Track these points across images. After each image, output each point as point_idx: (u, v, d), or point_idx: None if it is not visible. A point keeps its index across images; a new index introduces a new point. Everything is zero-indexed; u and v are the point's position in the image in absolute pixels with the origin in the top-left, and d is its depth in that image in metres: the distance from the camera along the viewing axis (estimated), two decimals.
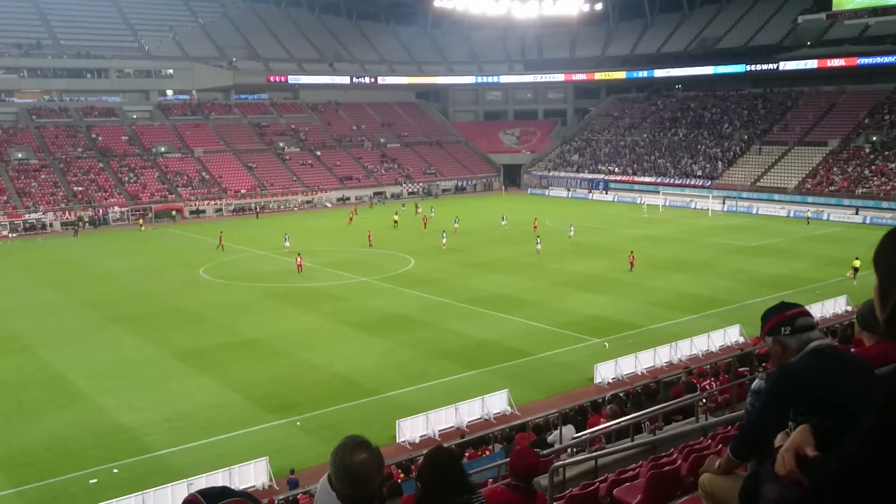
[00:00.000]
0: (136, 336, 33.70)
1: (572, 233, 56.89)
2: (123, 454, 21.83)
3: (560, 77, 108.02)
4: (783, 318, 3.27)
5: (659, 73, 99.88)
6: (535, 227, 59.45)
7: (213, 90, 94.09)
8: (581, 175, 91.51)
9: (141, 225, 68.15)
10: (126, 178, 76.84)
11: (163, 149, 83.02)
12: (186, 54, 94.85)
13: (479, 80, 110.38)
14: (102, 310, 38.38)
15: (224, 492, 2.18)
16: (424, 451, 18.31)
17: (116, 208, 72.31)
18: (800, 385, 2.93)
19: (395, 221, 64.43)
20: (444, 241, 53.84)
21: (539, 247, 51.05)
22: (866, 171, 71.41)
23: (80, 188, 73.48)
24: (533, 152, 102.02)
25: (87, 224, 69.07)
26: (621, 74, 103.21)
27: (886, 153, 72.53)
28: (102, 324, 35.92)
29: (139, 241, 60.90)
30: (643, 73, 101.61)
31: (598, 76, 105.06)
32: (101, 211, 71.28)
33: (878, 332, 3.94)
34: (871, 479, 1.51)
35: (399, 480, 15.51)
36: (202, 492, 2.18)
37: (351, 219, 67.98)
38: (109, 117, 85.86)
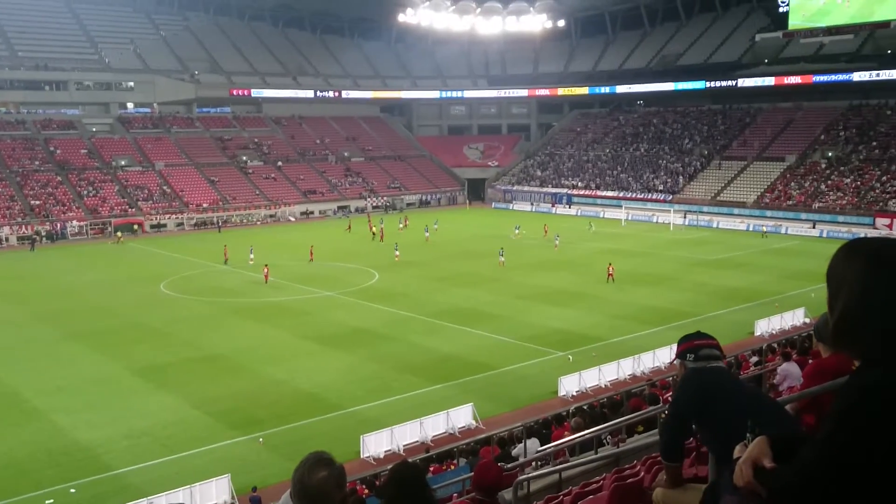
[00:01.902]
0: (94, 352, 33.08)
1: (558, 242, 58.61)
2: (81, 473, 21.36)
3: (524, 92, 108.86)
4: (691, 346, 3.87)
5: (621, 88, 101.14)
6: (546, 233, 62.15)
7: (175, 103, 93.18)
8: (545, 189, 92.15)
9: (119, 237, 67.06)
10: (85, 192, 75.62)
11: (123, 162, 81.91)
12: (148, 67, 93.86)
13: (444, 94, 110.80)
14: (60, 325, 37.62)
15: None
16: (389, 467, 18.20)
17: (75, 222, 71.08)
18: (704, 382, 3.62)
19: (374, 234, 64.30)
20: (398, 253, 53.87)
21: (502, 259, 51.27)
22: (822, 186, 72.91)
23: (38, 202, 72.15)
24: (497, 166, 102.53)
25: (44, 238, 67.80)
26: (584, 90, 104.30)
27: (841, 168, 74.15)
28: (60, 340, 35.19)
29: (98, 255, 59.91)
30: (605, 89, 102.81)
31: (562, 91, 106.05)
32: (59, 225, 70.02)
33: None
34: (828, 488, 1.52)
35: (364, 496, 15.39)
36: None
37: (370, 227, 66.96)
38: (68, 130, 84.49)
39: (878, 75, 78.41)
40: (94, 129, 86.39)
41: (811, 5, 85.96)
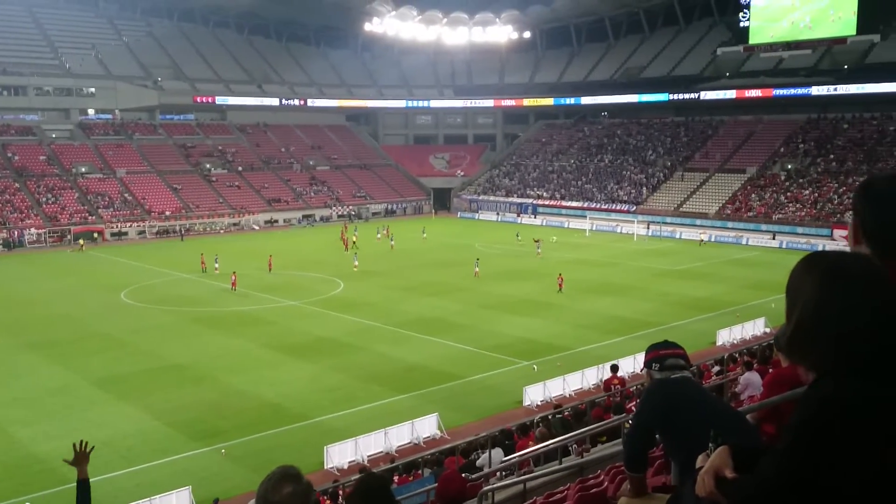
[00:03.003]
0: (52, 362, 32.42)
1: (540, 250, 59.47)
2: (37, 486, 20.90)
3: (489, 102, 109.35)
4: (657, 356, 3.95)
5: (586, 100, 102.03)
6: (536, 242, 62.14)
7: (138, 110, 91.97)
8: (510, 199, 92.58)
9: (81, 245, 65.89)
10: (44, 199, 74.30)
11: (83, 169, 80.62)
12: (109, 73, 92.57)
13: (410, 104, 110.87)
14: (16, 335, 36.84)
15: None
16: (353, 478, 18.04)
17: (33, 230, 69.77)
18: (668, 393, 3.68)
19: (354, 242, 63.93)
20: (356, 263, 53.42)
21: (477, 269, 51.13)
22: (782, 198, 74.20)
23: None
24: (463, 176, 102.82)
25: (0, 247, 66.43)
26: (549, 101, 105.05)
27: (801, 181, 75.55)
28: (16, 350, 34.45)
29: (57, 264, 58.82)
30: (570, 100, 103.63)
31: (527, 102, 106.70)
32: (16, 233, 68.67)
33: None
34: (788, 500, 1.54)
35: None
36: None
37: (342, 240, 65.39)
38: (27, 136, 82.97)
39: (835, 90, 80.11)
40: (53, 136, 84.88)
41: (775, 28, 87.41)
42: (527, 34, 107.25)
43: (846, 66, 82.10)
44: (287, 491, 2.73)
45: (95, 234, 71.54)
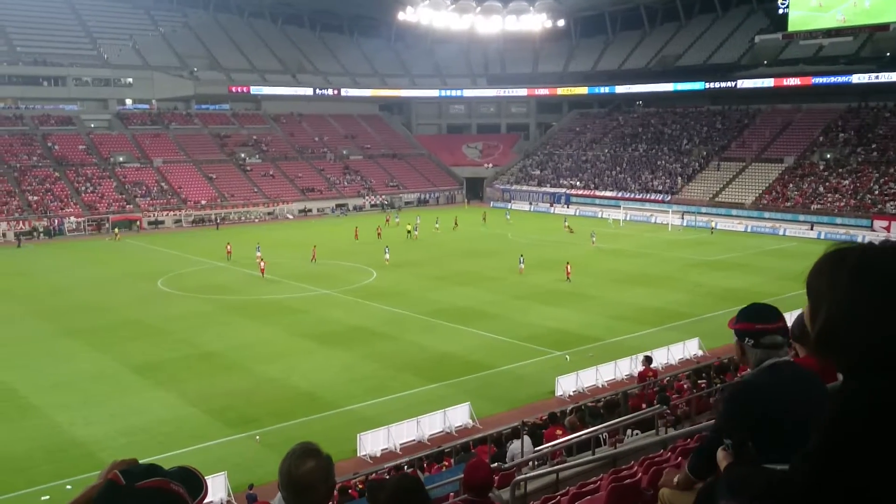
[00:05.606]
0: (91, 349, 33.02)
1: (595, 239, 59.67)
2: (77, 470, 21.30)
3: (523, 92, 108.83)
4: (751, 330, 3.28)
5: (620, 89, 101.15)
6: (570, 231, 65.00)
7: (174, 100, 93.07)
8: (543, 189, 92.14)
9: (116, 233, 66.97)
10: (83, 188, 75.54)
11: (121, 158, 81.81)
12: (146, 63, 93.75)
13: (443, 93, 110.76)
14: (56, 322, 37.56)
15: (150, 470, 1.98)
16: (385, 466, 18.14)
17: (72, 218, 71.01)
18: (752, 401, 3.00)
19: (409, 232, 64.13)
20: (387, 256, 52.14)
21: (522, 266, 49.50)
22: (820, 188, 72.94)
23: (35, 198, 72.07)
24: (496, 166, 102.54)
25: (41, 234, 67.70)
26: (583, 90, 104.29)
27: (840, 170, 74.19)
28: (56, 336, 35.14)
29: (96, 252, 59.81)
30: (605, 89, 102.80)
31: (561, 91, 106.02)
32: (56, 221, 69.94)
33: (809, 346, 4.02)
34: (819, 500, 1.51)
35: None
36: (125, 470, 1.99)
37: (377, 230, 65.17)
38: (66, 126, 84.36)
39: (876, 77, 78.47)
40: (92, 125, 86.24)
41: (818, 20, 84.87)
42: (561, 22, 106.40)
43: (888, 54, 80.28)
44: (310, 465, 2.82)
45: (135, 223, 72.59)
